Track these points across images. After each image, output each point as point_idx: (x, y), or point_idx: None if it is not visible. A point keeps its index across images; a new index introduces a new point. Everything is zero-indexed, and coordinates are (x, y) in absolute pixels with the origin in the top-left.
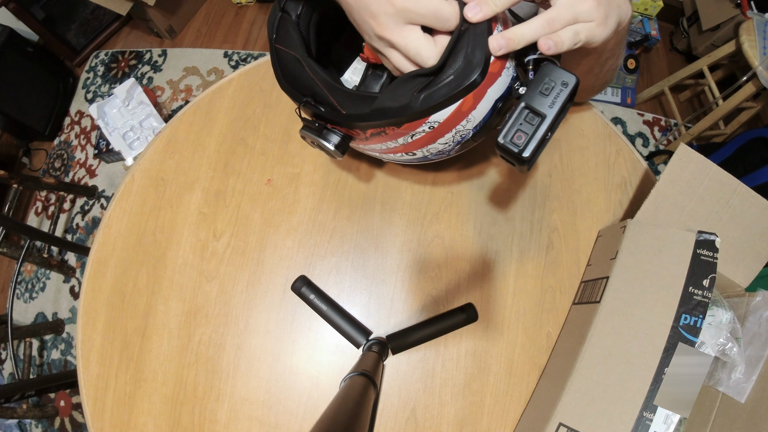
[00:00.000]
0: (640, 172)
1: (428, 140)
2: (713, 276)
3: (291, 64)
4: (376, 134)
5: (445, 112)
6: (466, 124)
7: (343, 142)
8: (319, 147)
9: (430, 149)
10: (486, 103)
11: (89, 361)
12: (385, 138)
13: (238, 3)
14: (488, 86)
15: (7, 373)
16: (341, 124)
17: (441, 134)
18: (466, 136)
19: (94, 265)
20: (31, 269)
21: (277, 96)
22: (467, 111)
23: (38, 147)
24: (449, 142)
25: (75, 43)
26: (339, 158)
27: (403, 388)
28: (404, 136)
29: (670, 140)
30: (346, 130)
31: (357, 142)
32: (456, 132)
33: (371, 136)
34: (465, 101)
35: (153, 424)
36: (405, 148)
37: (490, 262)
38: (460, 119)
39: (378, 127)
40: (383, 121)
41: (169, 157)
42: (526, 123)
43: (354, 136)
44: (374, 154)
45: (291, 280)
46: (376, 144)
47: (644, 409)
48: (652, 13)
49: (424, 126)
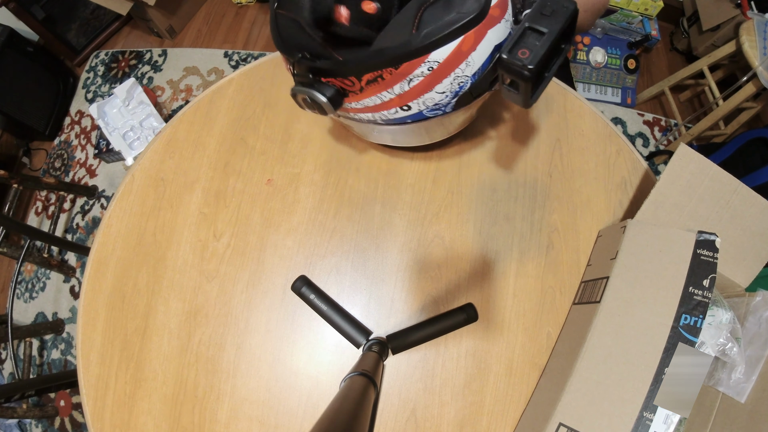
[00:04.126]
0: (640, 172)
1: (426, 86)
2: (713, 276)
3: (288, 25)
4: (372, 81)
5: (446, 49)
6: (465, 68)
7: (336, 96)
8: (310, 105)
9: (426, 101)
10: (485, 45)
11: (89, 361)
12: (381, 86)
13: (238, 3)
14: (488, 27)
15: (7, 373)
16: (337, 74)
17: (440, 78)
18: (464, 85)
19: (94, 265)
20: (31, 269)
21: (277, 96)
22: (467, 51)
23: (38, 147)
24: (447, 92)
25: (75, 42)
26: (330, 114)
27: (403, 388)
28: (401, 82)
29: (670, 140)
30: (340, 81)
31: (350, 100)
32: (455, 78)
33: (367, 85)
34: (465, 39)
35: (153, 424)
36: (400, 100)
37: (490, 262)
38: (460, 60)
39: (375, 70)
40: (381, 61)
41: (169, 157)
42: (530, 41)
43: (348, 88)
44: (366, 118)
45: (291, 280)
46: (371, 98)
47: (644, 409)
48: (652, 13)
49: (423, 67)
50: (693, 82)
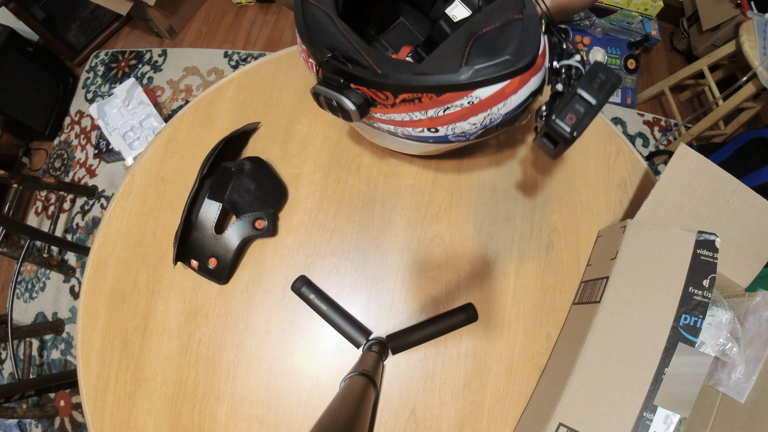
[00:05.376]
0: (640, 172)
1: (460, 116)
2: (713, 276)
3: (318, 19)
4: (408, 101)
5: (491, 89)
6: (501, 107)
7: (364, 104)
8: (332, 107)
9: (456, 128)
10: (525, 90)
11: (89, 361)
12: (416, 107)
13: (238, 3)
14: (532, 75)
15: (7, 373)
16: (370, 85)
17: (476, 112)
18: (495, 120)
19: (94, 265)
20: (31, 269)
21: (278, 96)
22: (509, 93)
23: (38, 147)
24: (477, 124)
25: (75, 43)
26: (355, 121)
27: (403, 388)
28: (438, 108)
29: (670, 140)
30: (373, 92)
31: (377, 110)
32: (489, 114)
33: (400, 103)
34: (511, 83)
35: (153, 424)
36: (431, 122)
37: (490, 262)
38: (500, 100)
39: (416, 92)
40: (425, 86)
41: (169, 157)
42: (577, 108)
43: (378, 101)
44: (386, 129)
45: (291, 280)
46: (400, 114)
47: (644, 409)
48: (652, 13)
49: (464, 99)
50: (693, 82)
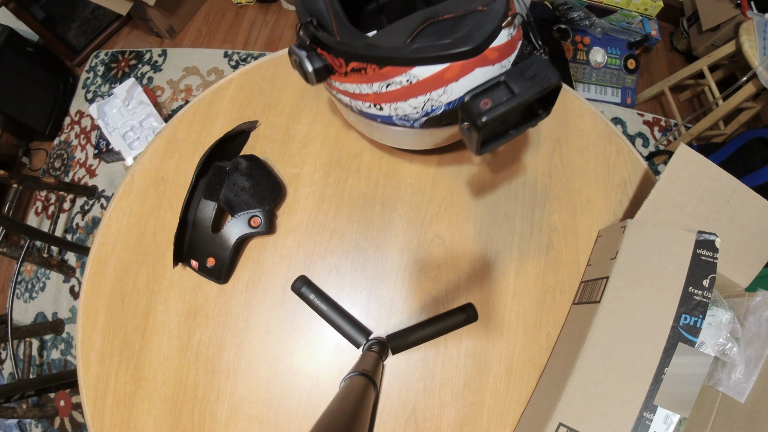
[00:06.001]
0: (640, 172)
1: (401, 96)
2: (713, 276)
3: None
4: (356, 71)
5: (428, 69)
6: (441, 94)
7: (323, 69)
8: (299, 68)
9: (398, 109)
10: (469, 81)
11: (89, 361)
12: (363, 78)
13: (238, 3)
14: (478, 65)
15: (7, 373)
16: (330, 51)
17: (415, 93)
18: (437, 109)
19: (94, 265)
20: (31, 269)
21: (278, 96)
22: (449, 79)
23: (38, 147)
24: (418, 109)
25: (75, 43)
26: (312, 84)
27: (403, 388)
28: (380, 82)
29: (670, 140)
30: (331, 58)
31: (335, 78)
32: (429, 99)
33: (351, 72)
34: (450, 68)
35: (153, 424)
36: (376, 98)
37: (490, 262)
38: (439, 85)
39: (362, 62)
40: (369, 56)
41: (169, 157)
42: (499, 95)
43: (335, 68)
44: (345, 101)
45: (291, 280)
46: (351, 84)
47: (644, 409)
48: (652, 13)
49: (402, 77)
50: (693, 82)
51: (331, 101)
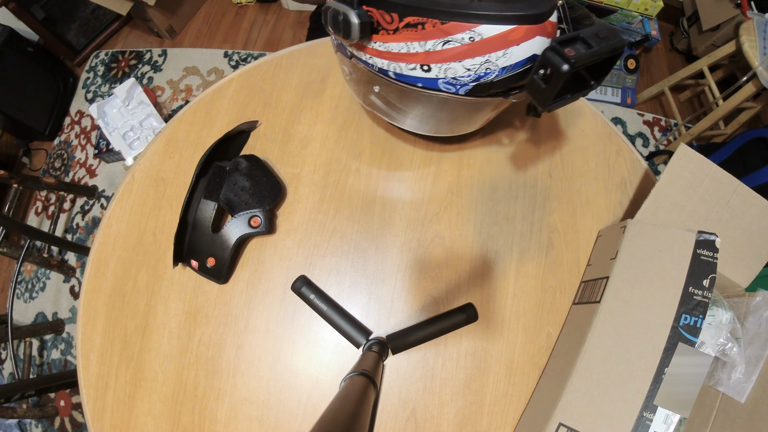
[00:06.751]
0: (640, 172)
1: (458, 55)
2: (713, 276)
3: None
4: (411, 26)
5: (495, 28)
6: (500, 56)
7: (368, 26)
8: (337, 25)
9: (449, 70)
10: (528, 46)
11: (89, 361)
12: (418, 35)
13: (238, 3)
14: (539, 33)
15: (7, 373)
16: (381, 5)
17: (474, 54)
18: (490, 73)
19: (94, 265)
20: (31, 269)
21: (278, 96)
22: (512, 42)
23: (38, 147)
24: (471, 71)
25: (75, 43)
26: (352, 40)
27: (403, 388)
28: (438, 39)
29: (670, 140)
30: (380, 14)
31: (379, 38)
32: (486, 61)
33: (405, 27)
34: (516, 30)
35: (153, 424)
36: (426, 57)
37: (490, 262)
38: (502, 46)
39: (423, 16)
40: (434, 10)
41: (169, 157)
42: (578, 47)
43: (383, 24)
44: (379, 65)
45: (291, 280)
46: (398, 43)
47: (644, 409)
48: (652, 13)
49: (465, 33)
50: (693, 82)
51: (331, 97)
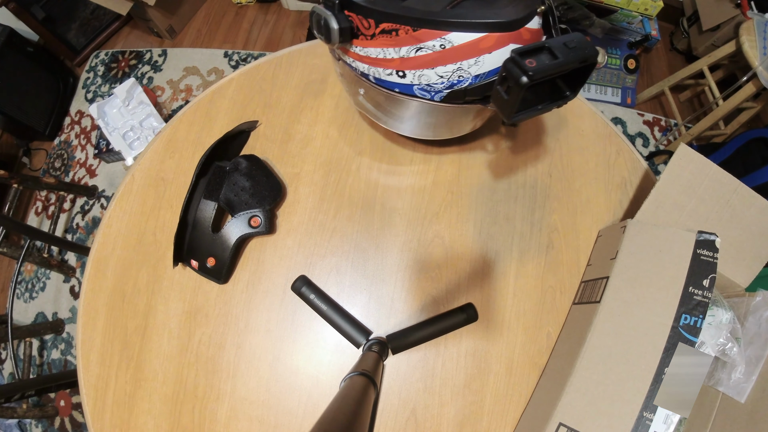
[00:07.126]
0: (640, 172)
1: (430, 62)
2: (713, 276)
3: None
4: (386, 32)
5: (465, 36)
6: (472, 64)
7: (348, 31)
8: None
9: (423, 77)
10: (501, 55)
11: (89, 361)
12: (392, 41)
13: (238, 3)
14: (512, 41)
15: (7, 373)
16: (359, 11)
17: (445, 60)
18: (463, 81)
19: (94, 265)
20: (31, 269)
21: (278, 96)
22: (483, 50)
23: (38, 147)
24: (444, 78)
25: (75, 43)
26: (333, 44)
27: (403, 388)
28: (410, 46)
29: (670, 140)
30: (359, 19)
31: (357, 43)
32: (458, 69)
33: (380, 33)
34: (487, 38)
35: (153, 424)
36: (401, 63)
37: (490, 262)
38: (473, 54)
39: (395, 23)
40: (405, 17)
41: (169, 157)
42: (542, 58)
43: (362, 29)
44: (361, 69)
45: (291, 280)
46: (376, 48)
47: (644, 409)
48: (652, 13)
49: (436, 41)
50: (693, 82)
51: (331, 97)
